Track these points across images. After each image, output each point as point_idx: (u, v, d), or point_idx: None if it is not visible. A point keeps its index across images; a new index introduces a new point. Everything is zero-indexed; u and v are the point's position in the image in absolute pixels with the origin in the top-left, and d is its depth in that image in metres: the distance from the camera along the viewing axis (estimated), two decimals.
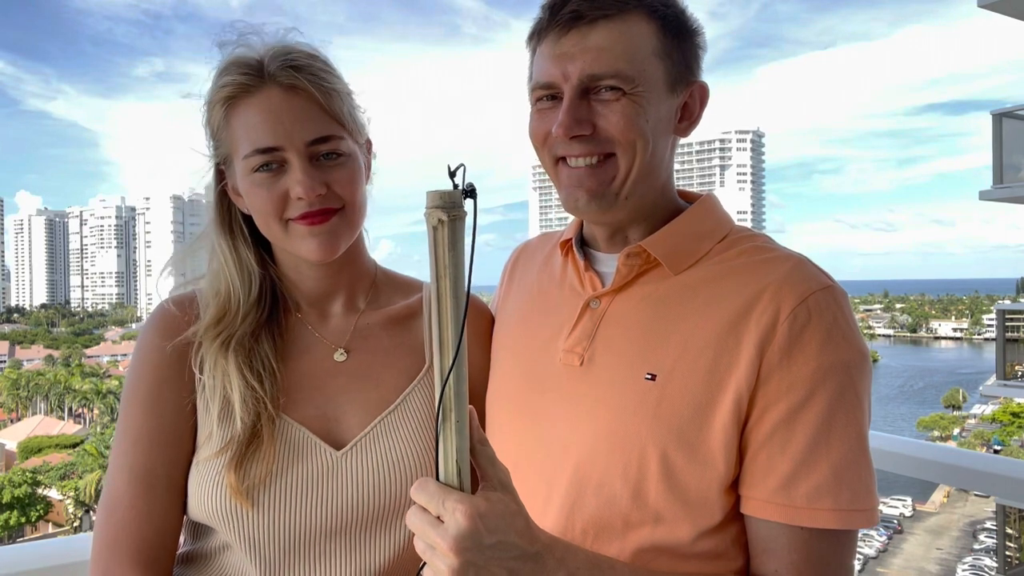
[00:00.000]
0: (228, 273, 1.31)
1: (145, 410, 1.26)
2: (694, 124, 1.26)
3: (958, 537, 36.33)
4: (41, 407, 62.81)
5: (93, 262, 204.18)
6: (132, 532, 1.22)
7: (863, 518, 1.07)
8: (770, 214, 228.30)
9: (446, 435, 0.92)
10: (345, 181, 1.26)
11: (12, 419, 59.03)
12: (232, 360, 1.25)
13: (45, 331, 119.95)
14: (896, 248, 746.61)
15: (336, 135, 1.25)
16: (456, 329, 0.91)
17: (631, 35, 1.15)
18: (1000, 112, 14.36)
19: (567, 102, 1.16)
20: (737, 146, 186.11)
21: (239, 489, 1.18)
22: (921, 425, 58.07)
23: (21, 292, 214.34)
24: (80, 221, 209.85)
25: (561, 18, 1.16)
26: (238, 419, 1.21)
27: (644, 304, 1.21)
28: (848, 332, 1.10)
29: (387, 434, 1.28)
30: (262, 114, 1.22)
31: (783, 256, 1.18)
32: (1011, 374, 19.21)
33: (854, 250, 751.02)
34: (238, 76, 1.23)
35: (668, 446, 1.11)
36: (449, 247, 0.90)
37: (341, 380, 1.32)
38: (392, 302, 1.42)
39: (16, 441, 47.54)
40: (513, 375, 1.33)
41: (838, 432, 1.07)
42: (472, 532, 0.88)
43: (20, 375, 65.92)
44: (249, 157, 1.23)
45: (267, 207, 1.24)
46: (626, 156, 1.17)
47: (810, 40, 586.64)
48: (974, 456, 2.51)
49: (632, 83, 1.14)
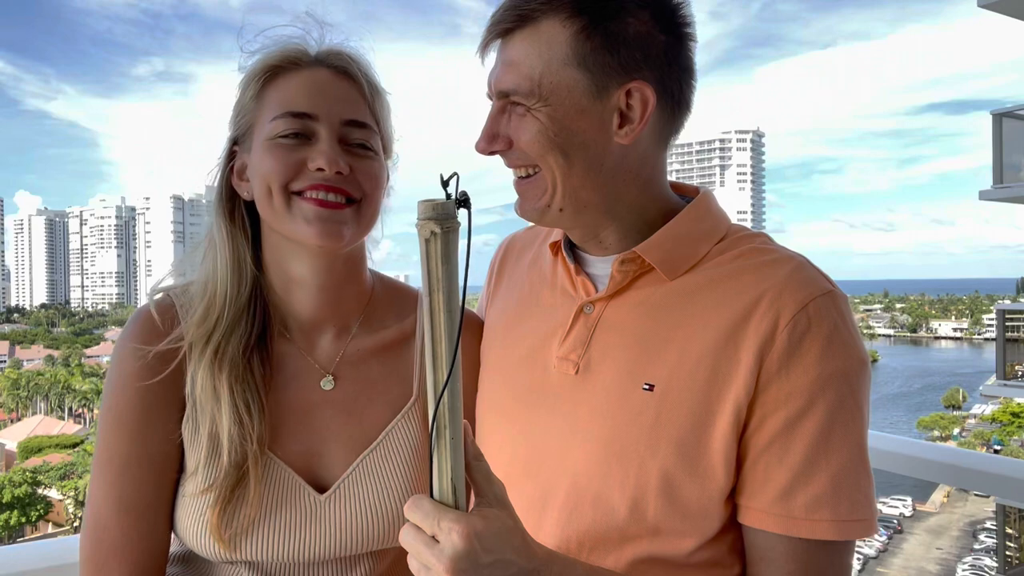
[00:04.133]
0: (221, 260, 1.24)
1: (131, 439, 1.20)
2: (637, 128, 1.12)
3: (958, 537, 36.30)
4: (41, 407, 62.77)
5: (93, 262, 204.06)
6: (123, 557, 1.19)
7: (861, 528, 1.05)
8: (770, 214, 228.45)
9: (441, 452, 0.90)
10: (370, 173, 1.22)
11: (12, 419, 58.97)
12: (225, 383, 1.19)
13: (45, 331, 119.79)
14: (896, 248, 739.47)
15: (371, 127, 1.23)
16: (450, 345, 0.88)
17: (540, 45, 1.11)
18: (1000, 112, 14.35)
19: (487, 118, 1.17)
20: (737, 146, 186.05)
21: (221, 535, 1.16)
22: (921, 425, 58.03)
23: (21, 292, 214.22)
24: (80, 221, 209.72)
25: (486, 30, 1.17)
26: (225, 456, 1.17)
27: (640, 311, 1.17)
28: (848, 339, 1.07)
29: (369, 474, 1.25)
30: (305, 85, 1.19)
31: (783, 258, 1.14)
32: (1011, 374, 19.20)
33: (854, 250, 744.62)
34: (287, 52, 1.21)
35: (667, 460, 1.08)
36: (442, 260, 0.86)
37: (327, 413, 1.27)
38: (386, 324, 1.36)
39: (16, 441, 47.52)
40: (505, 382, 1.29)
41: (837, 442, 1.05)
42: (468, 552, 0.86)
43: (20, 375, 65.85)
44: (277, 119, 1.17)
45: (276, 171, 1.16)
46: (547, 171, 1.14)
47: (810, 40, 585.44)
48: (974, 456, 2.51)
49: (533, 98, 1.11)
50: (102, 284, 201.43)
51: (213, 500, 1.16)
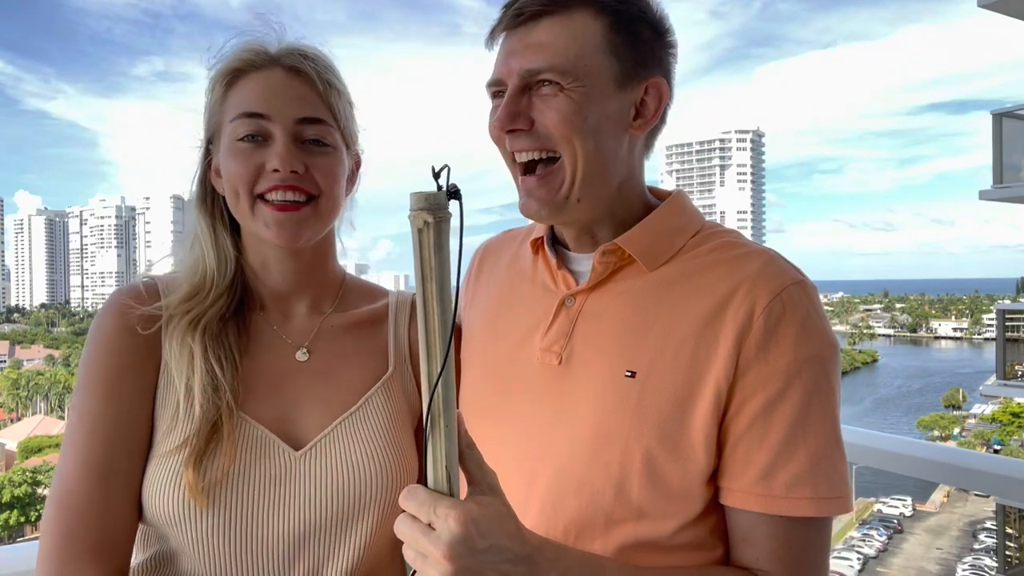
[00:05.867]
0: (206, 252, 1.31)
1: (104, 397, 1.21)
2: (651, 122, 1.22)
3: (958, 537, 36.30)
4: (41, 407, 62.78)
5: (93, 262, 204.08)
6: (90, 526, 1.17)
7: (839, 505, 1.09)
8: (770, 214, 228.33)
9: (435, 441, 0.91)
10: (325, 170, 1.26)
11: (12, 419, 59.00)
12: (199, 342, 1.23)
13: (45, 331, 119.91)
14: (896, 248, 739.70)
15: (326, 122, 1.27)
16: (444, 334, 0.89)
17: (574, 30, 1.14)
18: (1000, 112, 14.36)
19: (506, 97, 1.16)
20: (737, 146, 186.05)
21: (197, 488, 1.15)
22: (921, 425, 58.05)
23: (21, 292, 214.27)
24: (80, 221, 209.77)
25: (507, 16, 1.17)
26: (198, 408, 1.19)
27: (620, 301, 1.21)
28: (820, 325, 1.12)
29: (347, 436, 1.26)
30: (260, 86, 1.25)
31: (755, 251, 1.19)
32: (1011, 374, 19.20)
33: (854, 250, 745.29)
34: (246, 54, 1.27)
35: (650, 443, 1.11)
36: (435, 249, 0.88)
37: (301, 380, 1.30)
38: (359, 306, 1.42)
39: (16, 441, 47.52)
40: (487, 376, 1.31)
41: (814, 423, 1.09)
42: (465, 537, 0.87)
43: (20, 375, 65.89)
44: (235, 120, 1.24)
45: (240, 176, 1.23)
46: (569, 156, 1.15)
47: (810, 40, 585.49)
48: (974, 456, 2.51)
49: (569, 78, 1.13)
50: (102, 284, 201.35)
51: (187, 455, 1.17)
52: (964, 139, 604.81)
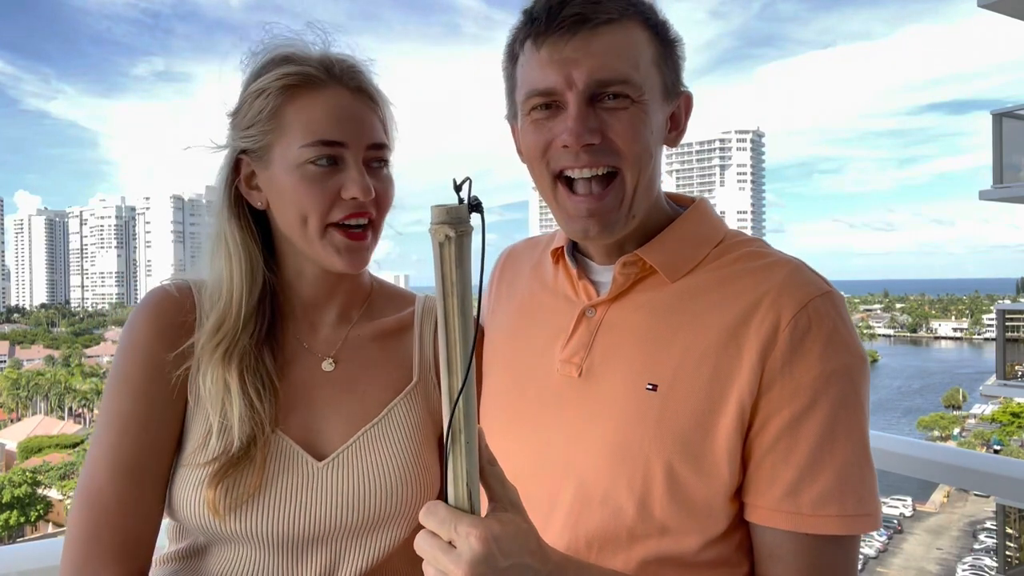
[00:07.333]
0: (232, 268, 1.26)
1: (135, 397, 1.21)
2: (681, 134, 1.24)
3: (958, 537, 36.30)
4: (41, 407, 62.77)
5: (93, 262, 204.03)
6: (116, 526, 1.18)
7: (868, 523, 1.07)
8: (770, 214, 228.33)
9: (456, 457, 0.90)
10: (387, 192, 1.27)
11: (12, 419, 58.98)
12: (235, 374, 1.21)
13: (45, 331, 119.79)
14: (896, 248, 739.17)
15: (388, 146, 1.28)
16: (465, 349, 0.88)
17: (634, 42, 1.12)
18: (1000, 112, 14.36)
19: (576, 109, 1.10)
20: (737, 146, 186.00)
21: (216, 506, 1.16)
22: (921, 425, 58.01)
23: (21, 292, 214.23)
24: (80, 221, 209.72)
25: (563, 22, 1.09)
26: (235, 437, 1.18)
27: (642, 312, 1.18)
28: (848, 337, 1.09)
29: (369, 447, 1.26)
30: (330, 109, 1.21)
31: (780, 261, 1.16)
32: (1011, 374, 19.18)
33: (854, 250, 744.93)
34: (303, 67, 1.22)
35: (673, 458, 1.09)
36: (456, 264, 0.86)
37: (327, 390, 1.30)
38: (385, 314, 1.41)
39: (16, 441, 47.52)
40: (507, 388, 1.29)
41: (841, 438, 1.06)
42: (487, 556, 0.85)
43: (20, 375, 65.84)
44: (308, 147, 1.20)
45: (316, 202, 1.20)
46: (631, 172, 1.13)
47: (810, 40, 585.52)
48: (974, 456, 2.51)
49: (639, 91, 1.11)
50: (102, 284, 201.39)
51: (212, 472, 1.17)
52: (964, 139, 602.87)
